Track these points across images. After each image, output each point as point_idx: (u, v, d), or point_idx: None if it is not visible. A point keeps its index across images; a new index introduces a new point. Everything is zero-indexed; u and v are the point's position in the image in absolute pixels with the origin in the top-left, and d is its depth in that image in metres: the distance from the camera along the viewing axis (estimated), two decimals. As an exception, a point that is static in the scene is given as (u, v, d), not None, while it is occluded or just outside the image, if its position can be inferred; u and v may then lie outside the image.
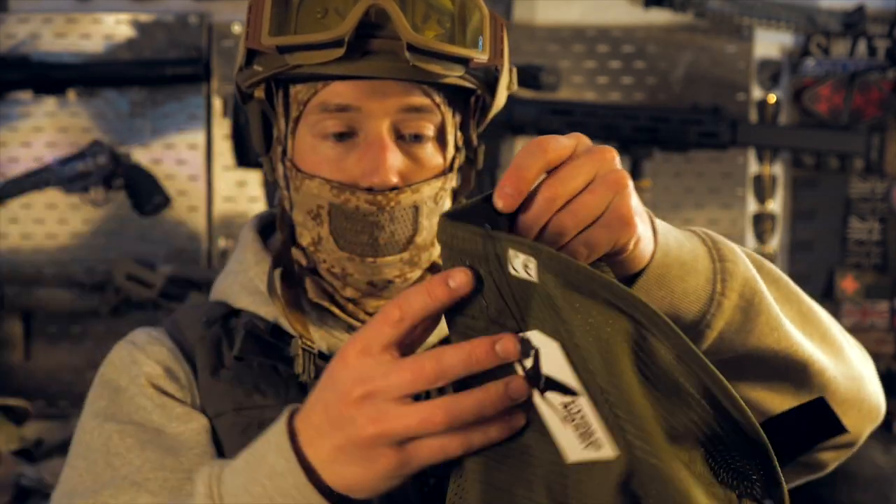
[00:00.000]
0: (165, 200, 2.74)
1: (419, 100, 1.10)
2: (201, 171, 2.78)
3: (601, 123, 2.64)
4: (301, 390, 1.13)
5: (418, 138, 1.12)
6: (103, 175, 2.73)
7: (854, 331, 2.83)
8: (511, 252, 0.79)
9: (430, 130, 1.12)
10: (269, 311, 1.18)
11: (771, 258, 2.83)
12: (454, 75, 1.09)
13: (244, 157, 2.66)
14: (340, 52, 1.05)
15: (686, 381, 0.78)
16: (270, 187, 2.70)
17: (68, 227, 2.79)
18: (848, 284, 2.82)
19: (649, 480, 0.79)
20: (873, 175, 2.82)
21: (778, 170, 2.84)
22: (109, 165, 2.72)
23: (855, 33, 2.78)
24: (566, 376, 0.80)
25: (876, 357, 2.85)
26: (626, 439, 0.79)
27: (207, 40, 2.77)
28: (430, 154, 1.13)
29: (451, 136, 1.15)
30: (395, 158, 1.10)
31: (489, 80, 1.15)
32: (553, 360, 0.80)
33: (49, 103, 2.76)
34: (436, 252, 1.17)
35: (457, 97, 1.15)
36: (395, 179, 1.09)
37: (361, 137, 1.11)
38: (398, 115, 1.10)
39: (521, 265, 0.79)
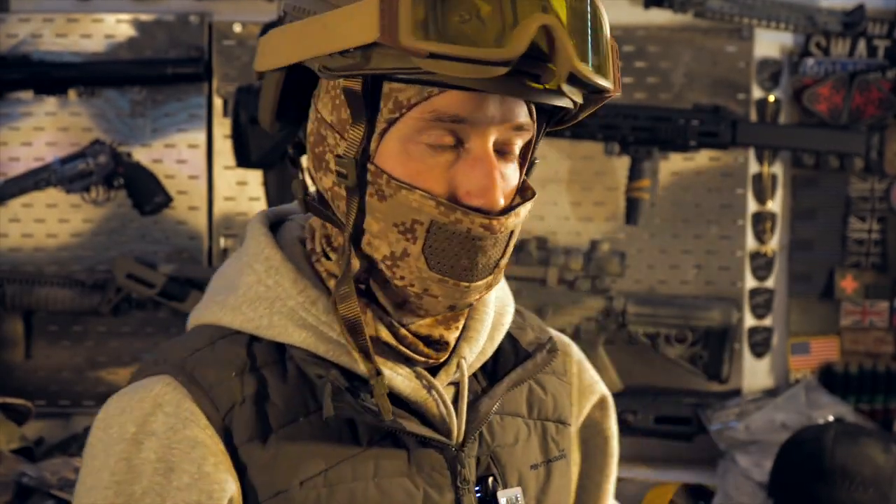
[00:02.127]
0: (166, 200, 2.75)
1: (525, 119, 1.04)
2: (202, 170, 2.78)
3: (601, 123, 2.64)
4: (355, 441, 1.05)
5: (505, 154, 1.04)
6: (104, 174, 2.73)
7: (853, 330, 2.84)
8: None
9: (518, 147, 1.06)
10: (329, 349, 1.05)
11: (771, 257, 2.84)
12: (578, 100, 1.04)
13: (244, 157, 2.66)
14: (502, 71, 0.93)
15: None
16: (272, 187, 2.70)
17: (69, 226, 2.79)
18: (847, 284, 2.83)
19: None
20: (873, 174, 2.82)
21: (778, 169, 2.84)
22: (110, 165, 2.73)
23: (855, 33, 2.78)
24: None
25: (875, 357, 2.87)
26: None
27: (208, 40, 2.77)
28: (514, 171, 1.06)
29: (530, 153, 1.10)
30: (499, 178, 1.02)
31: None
32: None
33: (50, 103, 2.76)
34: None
35: (543, 114, 1.09)
36: (503, 202, 1.03)
37: (466, 150, 1.01)
38: (504, 131, 1.02)
39: None
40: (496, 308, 1.17)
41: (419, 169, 1.01)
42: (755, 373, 2.85)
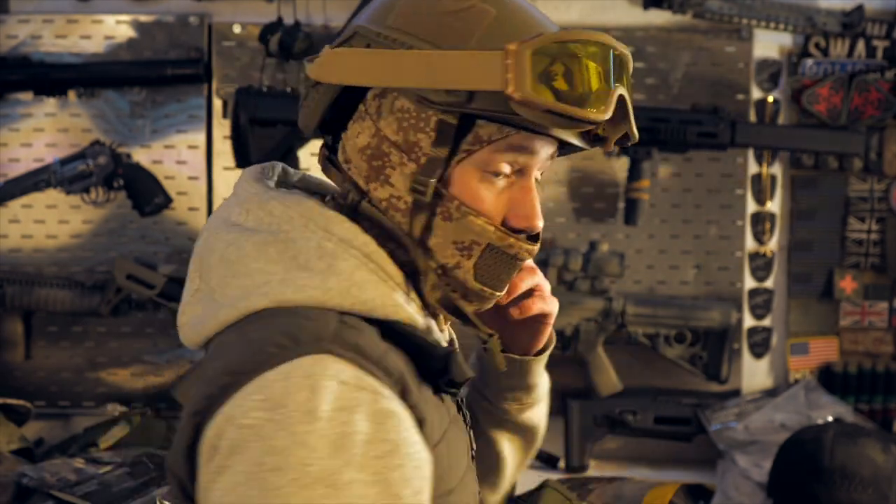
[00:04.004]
0: (166, 200, 2.75)
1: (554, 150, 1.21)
2: (202, 171, 2.78)
3: (601, 124, 2.64)
4: (442, 404, 1.19)
5: (536, 181, 1.21)
6: (104, 175, 2.73)
7: (853, 331, 2.84)
8: None
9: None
10: (423, 323, 1.18)
11: (770, 258, 2.84)
12: None
13: (244, 158, 2.67)
14: (589, 128, 1.14)
15: None
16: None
17: (69, 227, 2.79)
18: (847, 284, 2.83)
19: None
20: (872, 175, 2.82)
21: (777, 170, 2.84)
22: (110, 166, 2.73)
23: (854, 34, 2.78)
24: None
25: (875, 357, 2.87)
26: None
27: (208, 41, 2.77)
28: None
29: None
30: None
31: None
32: None
33: (50, 104, 2.77)
34: None
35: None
36: (541, 225, 1.20)
37: (521, 179, 1.18)
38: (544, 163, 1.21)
39: None
40: None
41: (482, 195, 1.16)
42: (754, 373, 2.85)
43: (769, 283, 2.85)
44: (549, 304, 1.32)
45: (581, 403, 2.70)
